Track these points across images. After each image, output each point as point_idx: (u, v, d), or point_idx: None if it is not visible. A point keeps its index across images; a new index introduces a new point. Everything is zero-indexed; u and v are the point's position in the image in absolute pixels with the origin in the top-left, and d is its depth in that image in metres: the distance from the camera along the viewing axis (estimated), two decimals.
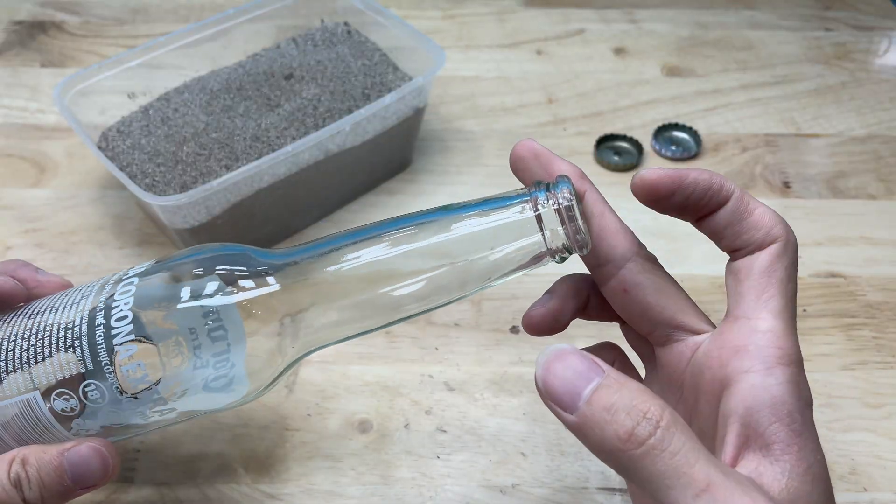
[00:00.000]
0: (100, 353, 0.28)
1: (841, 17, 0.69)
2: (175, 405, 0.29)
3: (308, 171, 0.46)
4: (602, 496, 0.37)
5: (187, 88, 0.50)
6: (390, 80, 0.51)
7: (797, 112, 0.59)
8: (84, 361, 0.29)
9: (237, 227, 0.45)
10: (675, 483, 0.21)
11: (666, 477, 0.21)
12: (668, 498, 0.22)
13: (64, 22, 0.66)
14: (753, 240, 0.27)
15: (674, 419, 0.22)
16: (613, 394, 0.22)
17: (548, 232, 0.26)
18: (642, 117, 0.58)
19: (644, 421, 0.22)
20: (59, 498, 0.29)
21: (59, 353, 0.29)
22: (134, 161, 0.46)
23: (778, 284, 0.26)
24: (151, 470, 0.38)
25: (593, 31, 0.67)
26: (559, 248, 0.27)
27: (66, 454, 0.29)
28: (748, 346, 0.25)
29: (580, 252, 0.27)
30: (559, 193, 0.26)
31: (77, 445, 0.29)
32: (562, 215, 0.26)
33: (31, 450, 0.29)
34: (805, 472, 0.23)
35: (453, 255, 0.28)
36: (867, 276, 0.47)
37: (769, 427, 0.24)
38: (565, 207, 0.26)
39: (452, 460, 0.39)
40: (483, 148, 0.56)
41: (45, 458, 0.29)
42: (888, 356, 0.43)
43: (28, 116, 0.57)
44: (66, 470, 0.29)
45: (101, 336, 0.29)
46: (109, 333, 0.28)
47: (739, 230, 0.27)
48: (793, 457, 0.24)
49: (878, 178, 0.54)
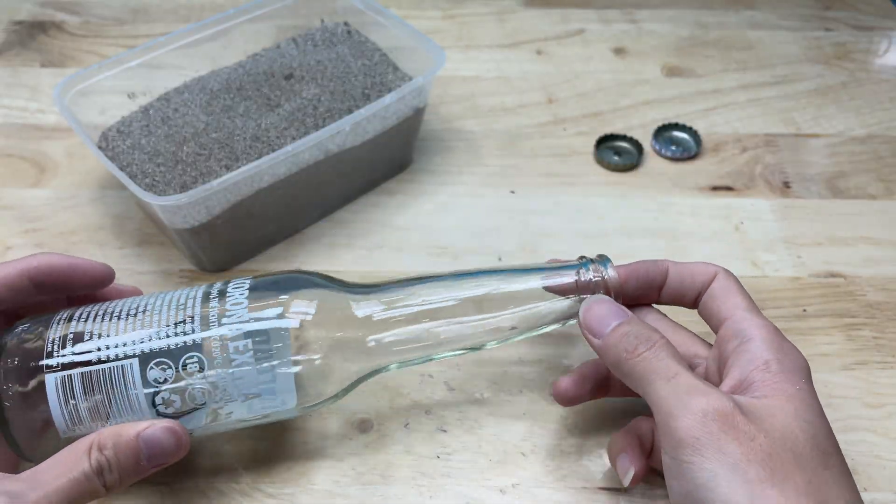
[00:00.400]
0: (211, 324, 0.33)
1: (841, 17, 0.69)
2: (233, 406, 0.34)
3: (308, 171, 0.46)
4: (602, 496, 0.37)
5: (187, 88, 0.50)
6: (390, 80, 0.51)
7: (797, 112, 0.59)
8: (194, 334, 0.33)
9: (237, 227, 0.45)
10: (654, 377, 0.31)
11: (651, 373, 0.31)
12: (650, 386, 0.31)
13: (64, 22, 0.66)
14: (700, 281, 0.36)
15: (665, 345, 0.32)
16: (630, 326, 0.33)
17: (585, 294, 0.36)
18: (642, 117, 0.58)
19: (645, 342, 0.32)
20: (133, 476, 0.31)
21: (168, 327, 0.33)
22: (134, 161, 0.46)
23: (737, 293, 0.35)
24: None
25: (593, 31, 0.67)
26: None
27: (142, 436, 0.31)
28: (729, 335, 0.33)
29: None
30: (590, 271, 0.36)
31: (151, 427, 0.31)
32: (591, 288, 0.36)
33: (106, 435, 0.31)
34: (779, 395, 0.30)
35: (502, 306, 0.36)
36: (867, 276, 0.47)
37: (749, 375, 0.31)
38: (594, 282, 0.36)
39: (452, 460, 0.39)
40: (483, 148, 0.56)
41: (121, 441, 0.31)
42: (888, 356, 0.43)
43: (28, 116, 0.57)
44: (142, 450, 0.31)
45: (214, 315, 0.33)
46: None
47: (686, 283, 0.36)
48: (767, 387, 0.31)
49: (878, 178, 0.54)
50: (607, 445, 0.37)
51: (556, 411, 0.40)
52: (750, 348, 0.32)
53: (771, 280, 0.47)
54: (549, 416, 0.40)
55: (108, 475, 0.30)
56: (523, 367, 0.42)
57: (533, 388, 0.42)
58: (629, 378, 0.32)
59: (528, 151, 0.55)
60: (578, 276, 0.36)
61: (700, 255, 0.48)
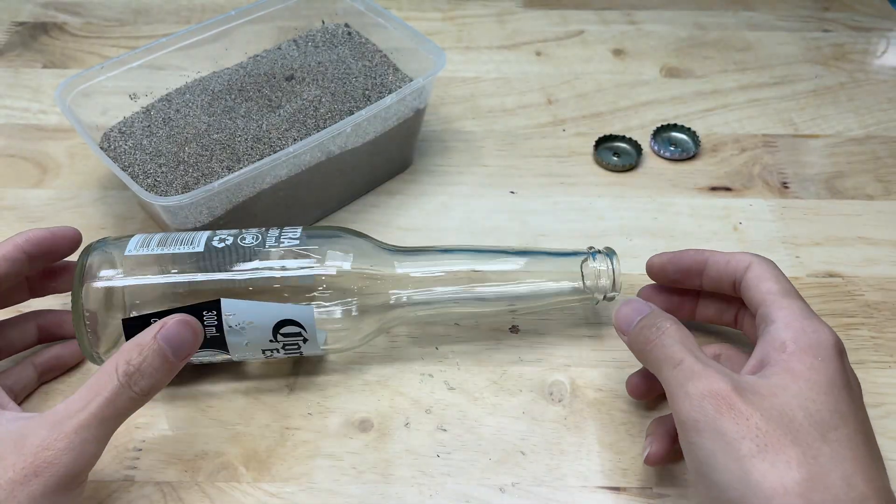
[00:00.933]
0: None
1: (839, 18, 0.69)
2: None
3: (309, 171, 0.46)
4: (601, 495, 0.37)
5: (189, 89, 0.51)
6: (391, 81, 0.51)
7: (795, 113, 0.59)
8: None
9: (239, 226, 0.45)
10: (664, 364, 0.33)
11: (660, 360, 0.34)
12: (661, 374, 0.33)
13: (66, 23, 0.66)
14: (734, 269, 0.38)
15: (676, 329, 0.34)
16: (646, 319, 0.35)
17: (588, 281, 0.41)
18: (641, 118, 0.59)
19: (654, 329, 0.35)
20: (165, 374, 0.33)
21: None
22: (136, 161, 0.46)
23: (769, 278, 0.36)
24: (153, 469, 0.38)
25: (592, 32, 0.67)
26: (592, 290, 0.41)
27: (159, 336, 0.33)
28: (760, 320, 0.35)
29: (607, 298, 0.42)
30: (598, 261, 0.41)
31: (165, 325, 0.34)
32: (598, 274, 0.41)
33: (127, 348, 0.33)
34: (787, 374, 0.31)
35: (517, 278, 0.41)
36: (865, 276, 0.48)
37: (766, 356, 0.33)
38: (595, 269, 0.41)
39: (452, 459, 0.39)
40: (483, 148, 0.56)
41: (144, 348, 0.33)
42: (886, 356, 0.43)
43: (30, 117, 0.57)
44: (164, 349, 0.33)
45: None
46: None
47: (722, 271, 0.38)
48: (778, 365, 0.32)
49: (875, 178, 0.54)
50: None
51: (555, 411, 0.41)
52: (770, 330, 0.34)
53: None
54: (548, 415, 0.40)
55: (140, 382, 0.32)
56: (523, 367, 0.43)
57: (533, 388, 0.42)
58: (649, 367, 0.35)
59: (528, 152, 0.56)
60: (585, 262, 0.41)
61: None
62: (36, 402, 0.41)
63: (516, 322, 0.45)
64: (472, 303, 0.41)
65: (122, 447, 0.39)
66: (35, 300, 0.42)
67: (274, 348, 0.39)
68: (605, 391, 0.41)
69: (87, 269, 0.37)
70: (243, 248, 0.39)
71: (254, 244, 0.39)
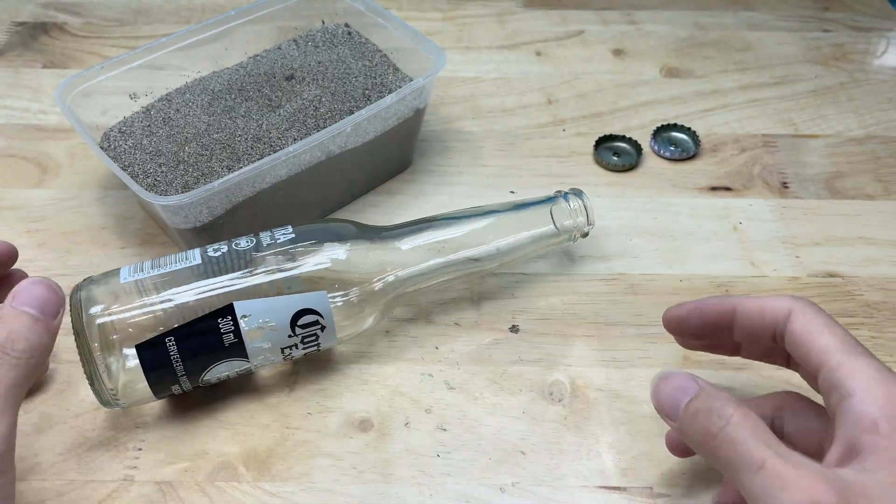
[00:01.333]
0: None
1: (839, 17, 0.69)
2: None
3: (309, 171, 0.46)
4: (601, 495, 0.37)
5: (189, 89, 0.51)
6: (391, 81, 0.51)
7: (795, 113, 0.59)
8: None
9: (239, 227, 0.45)
10: (739, 466, 0.26)
11: (734, 462, 0.27)
12: (737, 478, 0.27)
13: (66, 23, 0.66)
14: (771, 320, 0.32)
15: (744, 416, 0.27)
16: (701, 402, 0.29)
17: (566, 221, 0.45)
18: (641, 118, 0.59)
19: (715, 418, 0.27)
20: (43, 333, 0.31)
21: None
22: (136, 161, 0.46)
23: (824, 331, 0.30)
24: (153, 468, 0.38)
25: (592, 32, 0.67)
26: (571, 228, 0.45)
27: (14, 303, 0.31)
28: (827, 388, 0.29)
29: (583, 235, 0.46)
30: (572, 201, 0.45)
31: (15, 295, 0.32)
32: (575, 212, 0.45)
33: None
34: (890, 464, 0.26)
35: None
36: (865, 276, 0.48)
37: (856, 439, 0.27)
38: (572, 208, 0.45)
39: (452, 459, 0.39)
40: (483, 148, 0.56)
41: (4, 318, 0.31)
42: (886, 356, 0.43)
43: (30, 117, 0.57)
44: (25, 310, 0.31)
45: None
46: None
47: (756, 324, 0.32)
48: (879, 453, 0.26)
49: (876, 178, 0.54)
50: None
51: (555, 411, 0.41)
52: (853, 405, 0.27)
53: (769, 280, 0.47)
54: (548, 415, 0.40)
55: (17, 345, 0.30)
56: (523, 367, 0.43)
57: (533, 388, 0.42)
58: (716, 465, 0.28)
59: (528, 152, 0.56)
60: (557, 205, 0.45)
61: (699, 255, 0.48)
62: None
63: (516, 322, 0.45)
64: (465, 264, 0.43)
65: (121, 446, 0.39)
66: None
67: (292, 344, 0.38)
68: (606, 391, 0.41)
69: (84, 305, 0.36)
70: (241, 252, 0.38)
71: (250, 247, 0.39)
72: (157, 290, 0.37)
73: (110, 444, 0.39)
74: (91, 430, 0.39)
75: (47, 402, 0.41)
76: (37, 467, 0.38)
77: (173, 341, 0.36)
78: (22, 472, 0.38)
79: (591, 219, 0.45)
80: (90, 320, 0.35)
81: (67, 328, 0.35)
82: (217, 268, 0.38)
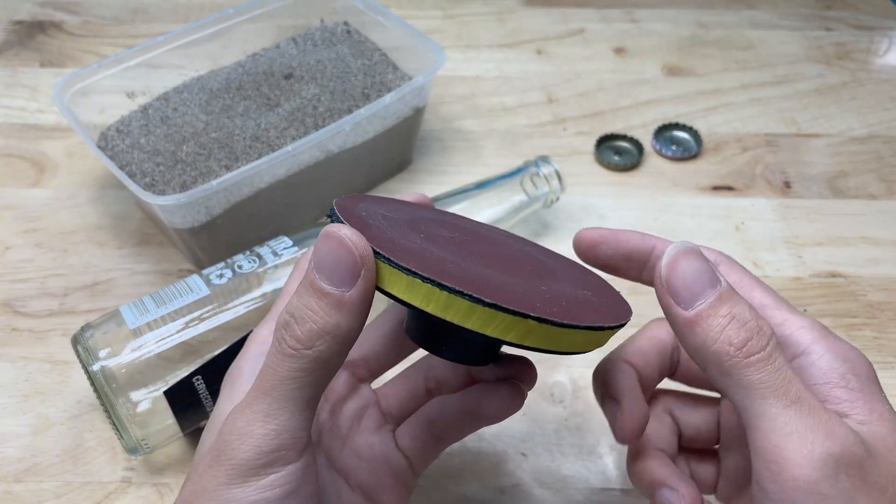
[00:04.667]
0: None
1: (841, 16, 0.69)
2: None
3: (308, 171, 0.46)
4: (602, 496, 0.37)
5: (187, 88, 0.50)
6: (390, 79, 0.51)
7: (798, 112, 0.59)
8: None
9: (238, 226, 0.45)
10: (770, 393, 0.24)
11: (765, 386, 0.24)
12: (757, 403, 0.24)
13: (63, 22, 0.66)
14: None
15: (780, 347, 0.25)
16: (734, 305, 0.24)
17: (541, 189, 0.48)
18: (643, 117, 0.58)
19: (757, 336, 0.24)
20: (334, 310, 0.24)
21: None
22: (133, 160, 0.46)
23: (755, 285, 0.28)
24: (151, 470, 0.38)
25: (593, 30, 0.67)
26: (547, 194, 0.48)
27: (309, 269, 0.25)
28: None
29: (557, 199, 0.49)
30: (543, 169, 0.48)
31: (305, 254, 0.28)
32: (549, 178, 0.48)
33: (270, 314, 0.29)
34: (878, 418, 0.25)
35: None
36: (868, 277, 0.47)
37: (827, 395, 0.25)
38: (545, 174, 0.48)
39: (453, 461, 0.38)
40: (483, 148, 0.56)
41: (285, 295, 0.27)
42: (889, 356, 0.43)
43: (27, 116, 0.57)
44: (313, 275, 0.24)
45: None
46: None
47: None
48: (859, 407, 0.25)
49: (878, 177, 0.54)
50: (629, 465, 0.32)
51: (555, 412, 0.40)
52: (813, 361, 0.26)
53: (772, 280, 0.47)
54: (548, 416, 0.40)
55: (294, 330, 0.24)
56: None
57: (533, 389, 0.41)
58: (726, 379, 0.25)
59: (529, 151, 0.55)
60: (529, 174, 0.47)
61: None
62: None
63: None
64: None
65: (119, 448, 0.39)
66: None
67: None
68: None
69: (91, 355, 0.34)
70: (247, 275, 0.37)
71: (256, 267, 0.38)
72: (171, 328, 0.35)
73: (107, 445, 0.39)
74: (89, 431, 0.39)
75: (45, 402, 0.40)
76: (34, 468, 0.38)
77: (201, 380, 0.35)
78: (19, 474, 0.37)
79: (562, 183, 0.48)
80: (103, 369, 0.34)
81: (68, 328, 0.34)
82: (226, 298, 0.37)
